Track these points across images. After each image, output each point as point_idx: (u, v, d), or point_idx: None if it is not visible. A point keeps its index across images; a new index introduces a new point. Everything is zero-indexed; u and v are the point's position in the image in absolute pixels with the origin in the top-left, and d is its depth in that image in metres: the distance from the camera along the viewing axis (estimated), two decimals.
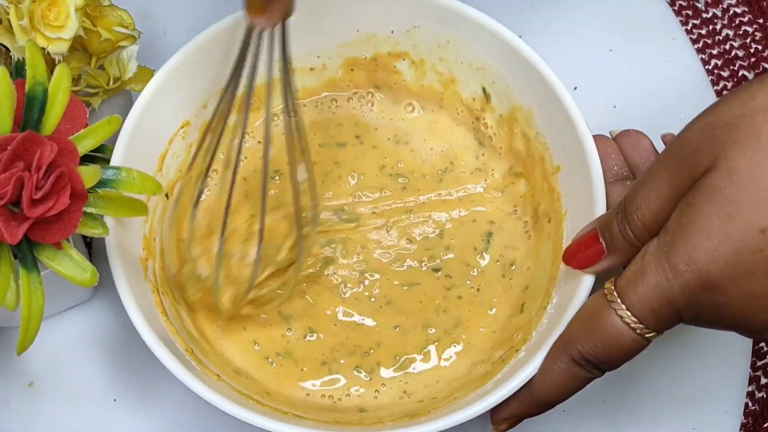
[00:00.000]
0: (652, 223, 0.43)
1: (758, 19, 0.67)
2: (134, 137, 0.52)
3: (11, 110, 0.45)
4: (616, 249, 0.45)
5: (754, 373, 0.58)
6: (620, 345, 0.44)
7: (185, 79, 0.54)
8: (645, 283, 0.42)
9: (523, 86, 0.55)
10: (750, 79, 0.47)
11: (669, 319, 0.42)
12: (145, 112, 0.53)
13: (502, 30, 0.55)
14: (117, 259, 0.49)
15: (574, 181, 0.52)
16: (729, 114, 0.40)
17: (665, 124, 0.54)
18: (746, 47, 0.67)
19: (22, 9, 0.49)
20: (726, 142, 0.40)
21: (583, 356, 0.45)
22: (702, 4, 0.68)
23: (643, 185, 0.43)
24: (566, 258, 0.48)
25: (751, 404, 0.58)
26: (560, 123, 0.53)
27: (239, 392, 0.50)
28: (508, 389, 0.47)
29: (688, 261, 0.40)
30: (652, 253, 0.42)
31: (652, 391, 0.57)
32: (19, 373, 0.56)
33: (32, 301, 0.44)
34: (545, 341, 0.47)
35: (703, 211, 0.40)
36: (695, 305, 0.41)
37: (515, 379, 0.47)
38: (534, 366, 0.47)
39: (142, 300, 0.49)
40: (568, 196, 0.53)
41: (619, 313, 0.43)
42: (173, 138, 0.55)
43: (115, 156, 0.51)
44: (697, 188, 0.40)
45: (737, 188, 0.39)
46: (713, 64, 0.66)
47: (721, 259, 0.39)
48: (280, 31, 0.48)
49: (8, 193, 0.42)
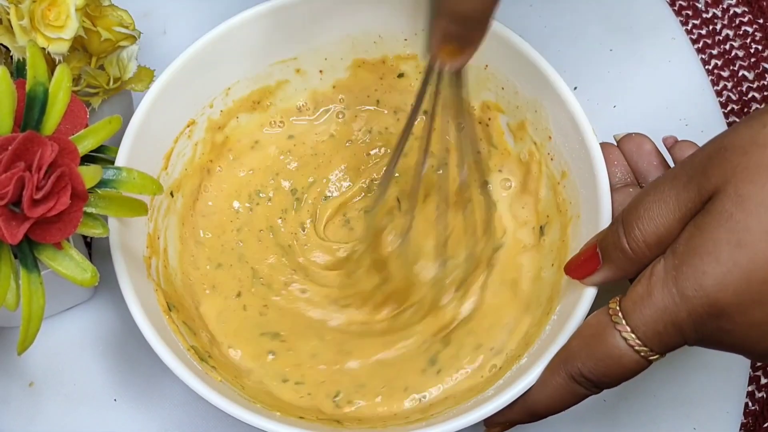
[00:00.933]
0: (653, 236, 0.42)
1: (758, 19, 0.67)
2: (140, 135, 0.52)
3: (12, 110, 0.44)
4: (611, 260, 0.45)
5: (754, 373, 0.58)
6: (622, 365, 0.43)
7: (191, 78, 0.55)
8: (651, 306, 0.42)
9: (531, 93, 0.55)
10: (766, 106, 0.47)
11: (674, 343, 0.42)
12: (152, 110, 0.53)
13: (510, 34, 0.54)
14: (120, 257, 0.49)
15: (580, 188, 0.52)
16: (740, 139, 0.40)
17: (665, 124, 0.54)
18: (746, 47, 0.67)
19: (23, 9, 0.49)
20: (736, 168, 0.40)
21: (583, 374, 0.44)
22: (702, 4, 0.68)
23: (647, 197, 0.43)
24: (566, 267, 0.48)
25: (751, 404, 0.58)
26: (567, 130, 0.53)
27: (241, 393, 0.50)
28: (509, 396, 0.46)
29: (697, 287, 0.40)
30: (659, 274, 0.42)
31: (652, 391, 0.57)
32: (20, 373, 0.56)
33: (32, 301, 0.44)
34: (547, 349, 0.47)
35: (713, 236, 0.40)
36: (701, 330, 0.41)
37: (517, 386, 0.47)
38: (535, 374, 0.47)
39: (145, 298, 0.49)
40: (573, 204, 0.53)
41: (623, 335, 0.43)
42: (179, 137, 0.56)
43: (121, 154, 0.51)
44: (708, 211, 0.40)
45: (747, 216, 0.39)
46: (713, 64, 0.66)
47: (731, 287, 0.39)
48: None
49: (9, 193, 0.42)
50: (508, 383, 0.48)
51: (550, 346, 0.47)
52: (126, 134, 0.51)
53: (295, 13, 0.56)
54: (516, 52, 0.54)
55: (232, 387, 0.50)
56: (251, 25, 0.55)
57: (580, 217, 0.52)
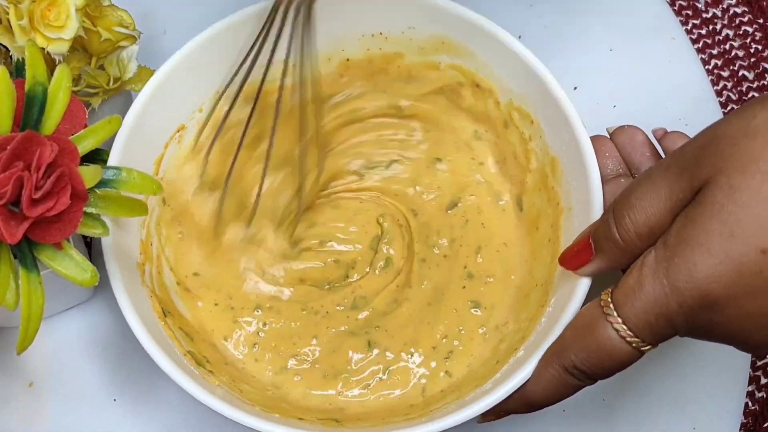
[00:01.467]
0: (644, 226, 0.42)
1: (758, 19, 0.67)
2: (131, 140, 0.52)
3: (11, 110, 0.44)
4: (603, 251, 0.45)
5: (754, 373, 0.58)
6: (614, 357, 0.43)
7: (181, 82, 0.54)
8: (642, 297, 0.42)
9: (521, 87, 0.55)
10: (756, 97, 0.47)
11: (665, 334, 0.42)
12: (142, 115, 0.52)
13: (497, 30, 0.54)
14: (114, 265, 0.49)
15: (571, 180, 0.52)
16: (731, 130, 0.40)
17: (665, 123, 0.54)
18: (746, 47, 0.67)
19: (22, 9, 0.49)
20: (727, 159, 0.40)
21: (576, 366, 0.44)
22: (702, 4, 0.68)
23: (639, 186, 0.43)
24: (560, 259, 0.48)
25: (751, 404, 0.58)
26: (557, 123, 0.53)
27: (239, 397, 0.50)
28: (507, 388, 0.47)
29: (688, 278, 0.40)
30: (650, 265, 0.42)
31: (652, 391, 0.57)
32: (19, 373, 0.56)
33: (32, 301, 0.44)
34: (543, 341, 0.47)
35: (704, 228, 0.40)
36: (692, 321, 0.41)
37: (514, 378, 0.47)
38: (532, 366, 0.47)
39: (140, 305, 0.49)
40: (565, 197, 0.53)
41: (615, 326, 0.43)
42: (169, 142, 0.55)
43: (112, 159, 0.51)
44: (699, 201, 0.40)
45: (739, 208, 0.39)
46: (713, 64, 0.66)
47: (722, 279, 0.39)
48: (304, 12, 0.48)
49: (8, 193, 0.42)
50: (505, 376, 0.48)
51: (546, 338, 0.47)
52: (116, 139, 0.51)
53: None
54: (501, 46, 0.54)
55: (230, 391, 0.50)
56: (240, 27, 0.55)
57: (572, 211, 0.52)
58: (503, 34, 0.54)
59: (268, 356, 0.54)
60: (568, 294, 0.48)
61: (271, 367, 0.54)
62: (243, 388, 0.52)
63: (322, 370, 0.54)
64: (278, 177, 0.57)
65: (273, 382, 0.54)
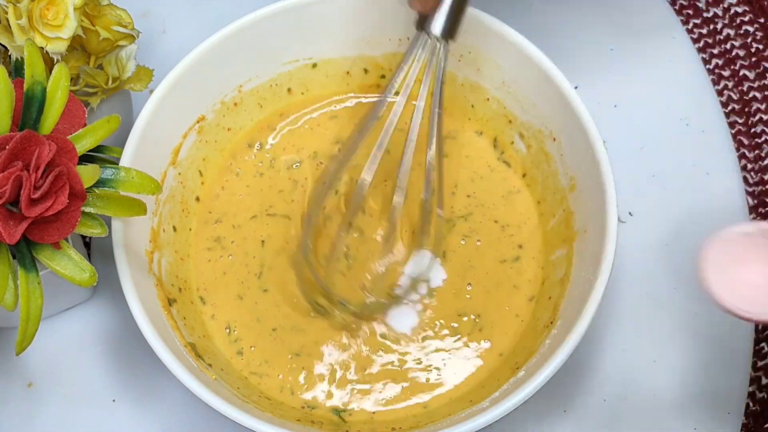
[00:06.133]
0: None
1: (759, 19, 0.67)
2: (148, 131, 0.53)
3: (10, 109, 0.44)
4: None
5: (755, 373, 0.58)
6: None
7: (202, 74, 0.55)
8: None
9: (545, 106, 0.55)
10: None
11: None
12: (161, 105, 0.53)
13: (528, 46, 0.54)
14: (122, 251, 0.49)
15: (587, 201, 0.52)
16: None
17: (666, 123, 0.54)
18: (747, 46, 0.67)
19: (21, 8, 0.49)
20: None
21: None
22: (703, 3, 0.68)
23: None
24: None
25: (752, 405, 0.58)
26: (578, 144, 0.52)
27: (236, 393, 0.50)
28: (505, 407, 0.46)
29: None
30: None
31: (653, 392, 0.57)
32: (18, 373, 0.56)
33: (31, 302, 0.44)
34: (545, 364, 0.47)
35: None
36: None
37: (512, 398, 0.46)
38: (532, 387, 0.46)
39: (144, 293, 0.49)
40: (580, 217, 0.53)
41: None
42: (188, 132, 0.56)
43: (127, 148, 0.51)
44: None
45: None
46: (714, 63, 0.66)
47: None
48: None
49: (6, 193, 0.42)
50: (503, 395, 0.47)
51: (550, 358, 0.47)
52: (133, 131, 0.52)
53: (309, 13, 0.56)
54: (529, 61, 0.54)
55: (227, 386, 0.50)
56: (265, 23, 0.56)
57: (587, 231, 0.51)
58: (531, 48, 0.55)
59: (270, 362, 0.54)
60: (574, 318, 0.48)
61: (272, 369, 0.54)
62: (240, 385, 0.52)
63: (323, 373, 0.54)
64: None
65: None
